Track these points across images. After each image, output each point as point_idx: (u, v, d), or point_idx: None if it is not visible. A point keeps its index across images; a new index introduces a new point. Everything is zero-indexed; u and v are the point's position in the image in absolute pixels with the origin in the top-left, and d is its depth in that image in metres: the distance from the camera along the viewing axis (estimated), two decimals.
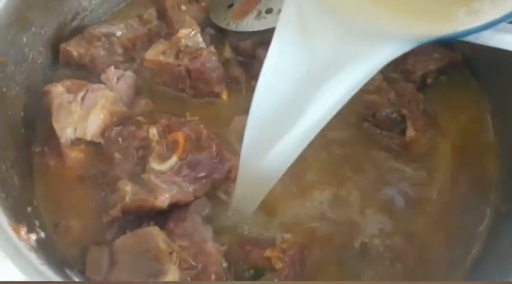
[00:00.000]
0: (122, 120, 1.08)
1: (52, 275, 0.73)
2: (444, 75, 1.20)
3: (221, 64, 1.15)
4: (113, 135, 1.02)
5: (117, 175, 0.98)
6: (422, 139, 1.09)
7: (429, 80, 1.19)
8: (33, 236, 0.78)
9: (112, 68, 1.13)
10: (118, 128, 1.03)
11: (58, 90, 1.06)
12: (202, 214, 0.96)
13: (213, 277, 0.87)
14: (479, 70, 1.20)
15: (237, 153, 1.00)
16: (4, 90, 1.01)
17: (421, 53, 1.19)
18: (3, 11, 1.01)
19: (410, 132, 1.08)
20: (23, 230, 0.77)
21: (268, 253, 0.91)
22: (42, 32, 1.15)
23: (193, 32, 1.13)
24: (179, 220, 0.94)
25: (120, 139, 1.01)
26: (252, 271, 0.91)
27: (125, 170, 0.98)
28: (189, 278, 0.86)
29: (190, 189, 0.96)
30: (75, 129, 1.04)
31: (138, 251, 0.87)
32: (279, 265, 0.90)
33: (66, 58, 1.19)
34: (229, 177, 1.00)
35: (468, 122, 1.13)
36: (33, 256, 0.75)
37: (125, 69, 1.16)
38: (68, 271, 0.83)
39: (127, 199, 0.92)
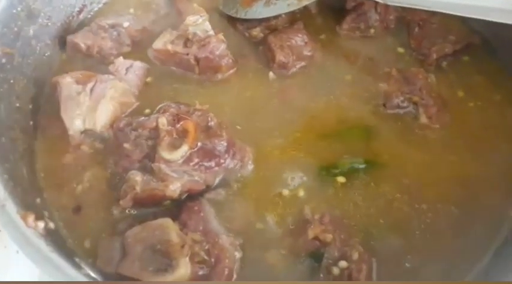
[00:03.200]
0: (131, 111, 1.07)
1: (61, 262, 0.72)
2: (462, 57, 1.17)
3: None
4: (122, 126, 1.00)
5: (127, 166, 0.96)
6: (436, 125, 1.06)
7: (444, 63, 1.16)
8: (41, 224, 0.77)
9: (120, 59, 1.12)
10: (127, 119, 1.02)
11: (66, 81, 1.05)
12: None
13: (226, 271, 0.85)
14: (499, 51, 1.17)
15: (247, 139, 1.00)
16: (11, 81, 1.00)
17: (437, 35, 1.17)
18: (9, 1, 1.00)
19: (423, 119, 1.06)
20: (31, 218, 0.76)
21: (311, 234, 0.89)
22: (49, 24, 1.15)
23: (201, 19, 1.12)
24: (192, 213, 0.91)
25: (129, 129, 0.99)
26: (312, 260, 0.89)
27: (135, 161, 0.96)
28: (201, 272, 0.84)
29: (202, 177, 0.94)
30: (84, 121, 1.02)
31: (150, 244, 0.85)
32: (329, 237, 0.88)
33: (73, 50, 1.18)
34: (242, 165, 0.98)
35: (489, 99, 1.10)
36: (42, 244, 0.74)
37: (134, 60, 1.14)
38: (77, 259, 0.82)
39: (138, 189, 0.90)
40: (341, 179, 0.98)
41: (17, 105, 1.01)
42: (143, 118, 1.00)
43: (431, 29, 1.19)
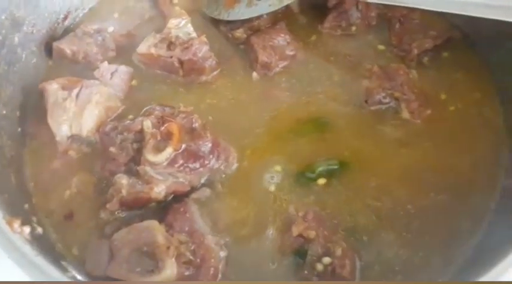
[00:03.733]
0: (116, 115, 1.08)
1: (47, 266, 0.73)
2: (442, 53, 1.18)
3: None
4: (107, 130, 1.02)
5: (114, 169, 0.97)
6: (418, 120, 1.07)
7: (425, 59, 1.17)
8: (27, 229, 0.78)
9: (105, 63, 1.13)
10: (113, 123, 1.03)
11: (52, 88, 1.06)
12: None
13: (211, 271, 0.87)
14: (478, 45, 1.18)
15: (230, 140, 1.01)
16: None
17: (417, 31, 1.18)
18: None
19: (405, 115, 1.08)
20: (17, 223, 0.77)
21: (295, 231, 0.90)
22: (34, 31, 1.16)
23: (183, 22, 1.13)
24: (177, 214, 0.93)
25: (115, 133, 1.01)
26: (296, 256, 0.90)
27: (121, 164, 0.98)
28: (187, 273, 0.86)
29: (186, 178, 0.95)
30: (71, 126, 1.04)
31: (136, 246, 0.86)
32: (312, 234, 0.89)
33: (59, 56, 1.19)
34: (227, 166, 1.00)
35: (469, 98, 1.11)
36: (27, 248, 0.75)
37: (119, 64, 1.15)
38: (64, 263, 0.83)
39: (123, 192, 0.91)
40: (321, 181, 0.99)
41: (4, 112, 1.02)
42: (128, 121, 1.02)
43: (412, 24, 1.20)
